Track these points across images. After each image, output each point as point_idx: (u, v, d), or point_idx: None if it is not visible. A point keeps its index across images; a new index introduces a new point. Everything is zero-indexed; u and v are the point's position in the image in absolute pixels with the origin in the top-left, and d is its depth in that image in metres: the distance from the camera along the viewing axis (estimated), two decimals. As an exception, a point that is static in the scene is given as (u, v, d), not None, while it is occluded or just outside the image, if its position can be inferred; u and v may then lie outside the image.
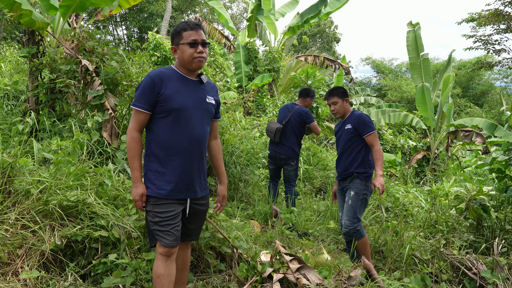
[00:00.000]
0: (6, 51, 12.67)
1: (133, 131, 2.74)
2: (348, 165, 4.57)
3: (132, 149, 2.72)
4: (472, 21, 15.62)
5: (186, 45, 2.75)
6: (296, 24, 15.37)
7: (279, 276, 3.54)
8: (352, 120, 4.57)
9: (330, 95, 4.69)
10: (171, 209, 2.72)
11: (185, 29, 2.77)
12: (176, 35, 2.80)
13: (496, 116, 31.48)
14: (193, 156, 2.80)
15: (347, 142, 4.60)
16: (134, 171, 2.71)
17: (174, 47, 2.83)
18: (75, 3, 6.02)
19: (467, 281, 4.32)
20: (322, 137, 14.58)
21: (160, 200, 2.71)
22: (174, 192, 2.73)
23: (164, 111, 2.71)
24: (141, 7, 28.08)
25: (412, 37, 13.59)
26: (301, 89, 6.55)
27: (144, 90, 2.70)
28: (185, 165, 2.76)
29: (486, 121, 12.51)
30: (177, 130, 2.73)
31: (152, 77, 2.70)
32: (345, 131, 4.63)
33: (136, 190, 2.71)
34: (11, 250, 3.14)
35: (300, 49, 39.74)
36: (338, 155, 4.77)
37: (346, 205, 4.49)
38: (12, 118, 5.94)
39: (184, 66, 2.82)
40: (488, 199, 5.43)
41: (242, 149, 6.81)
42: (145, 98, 2.70)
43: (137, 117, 2.74)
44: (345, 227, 4.44)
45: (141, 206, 2.74)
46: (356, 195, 4.44)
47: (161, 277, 2.74)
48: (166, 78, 2.74)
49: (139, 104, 2.71)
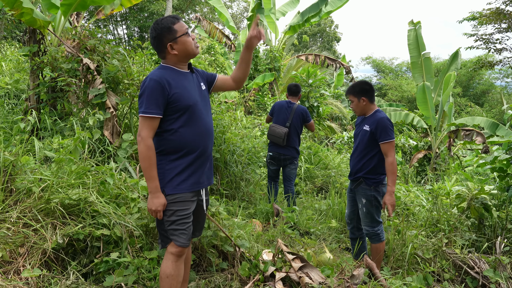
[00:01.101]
0: (7, 50, 12.66)
1: (148, 139, 2.60)
2: (358, 169, 4.31)
3: (149, 158, 2.60)
4: (474, 20, 15.61)
5: (185, 36, 2.72)
6: (297, 23, 15.35)
7: (281, 275, 3.52)
8: (372, 122, 4.20)
9: (347, 92, 4.38)
10: (186, 207, 2.72)
11: (173, 23, 2.71)
12: (168, 31, 2.70)
13: (497, 116, 31.45)
14: (208, 148, 2.83)
15: (362, 144, 4.29)
16: (154, 181, 2.62)
17: (171, 44, 2.71)
18: (76, 1, 6.01)
19: (470, 280, 4.31)
20: (323, 136, 14.57)
21: (177, 196, 2.69)
22: (192, 185, 2.73)
23: (178, 110, 2.66)
24: (142, 6, 28.10)
25: (413, 36, 13.57)
26: (290, 86, 6.38)
27: (152, 94, 2.60)
28: (201, 158, 2.78)
29: (488, 120, 12.49)
30: (194, 125, 2.72)
31: (157, 80, 2.61)
32: (362, 132, 4.30)
33: (158, 200, 2.63)
34: (13, 248, 3.13)
35: (301, 49, 39.71)
36: (352, 152, 4.47)
37: (361, 212, 4.31)
38: (13, 117, 5.93)
39: (187, 57, 2.78)
40: (489, 198, 5.42)
41: (243, 148, 6.79)
42: (156, 102, 2.59)
43: (149, 124, 2.62)
44: (365, 230, 4.31)
45: (162, 216, 2.68)
46: (369, 202, 4.23)
47: (170, 277, 2.73)
48: (170, 77, 2.68)
49: (151, 111, 2.59)
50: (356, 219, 4.54)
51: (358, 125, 4.44)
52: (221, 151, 6.25)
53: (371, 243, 4.34)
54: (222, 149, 6.26)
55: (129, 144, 5.05)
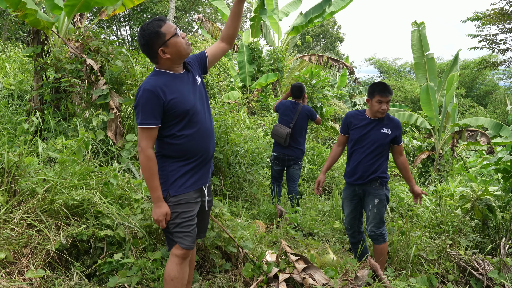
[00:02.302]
0: (11, 51, 12.70)
1: (148, 149, 2.58)
2: (374, 170, 4.22)
3: (150, 169, 2.58)
4: (477, 20, 15.54)
5: (174, 37, 2.61)
6: (300, 24, 15.34)
7: (285, 276, 3.52)
8: (392, 127, 4.22)
9: (388, 91, 4.16)
10: (191, 209, 2.72)
11: (160, 26, 2.59)
12: (156, 36, 2.58)
13: (501, 116, 31.35)
14: (210, 149, 2.82)
15: (380, 147, 4.20)
16: (156, 191, 2.61)
17: (162, 48, 2.60)
18: (80, 2, 6.02)
19: (474, 282, 4.29)
20: (326, 137, 14.55)
21: (181, 198, 2.68)
22: (195, 183, 2.74)
23: (176, 116, 2.63)
24: (145, 7, 28.14)
25: (417, 36, 13.52)
26: (293, 89, 6.22)
27: (146, 105, 2.54)
28: (203, 160, 2.78)
29: (492, 120, 12.45)
30: (193, 129, 2.69)
31: (151, 90, 2.54)
32: (381, 135, 4.20)
33: (160, 210, 2.62)
34: (16, 249, 3.14)
35: (304, 49, 39.71)
36: (360, 155, 4.27)
37: (371, 213, 4.24)
38: (17, 118, 5.94)
39: (180, 59, 2.69)
40: (494, 199, 5.39)
41: (246, 148, 6.79)
42: (151, 112, 2.55)
43: (148, 134, 2.59)
44: (371, 231, 4.27)
45: (165, 225, 2.68)
46: (381, 202, 4.22)
47: (174, 280, 2.72)
48: (164, 84, 2.61)
49: (148, 121, 2.56)
50: (357, 223, 4.51)
51: (368, 127, 4.25)
52: (224, 152, 6.24)
53: (375, 245, 4.30)
54: (225, 150, 6.25)
55: (133, 145, 5.05)
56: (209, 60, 3.00)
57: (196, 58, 2.95)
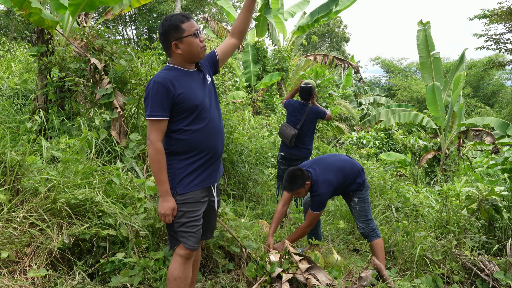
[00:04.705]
0: (16, 50, 12.76)
1: (157, 142, 2.57)
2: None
3: (159, 162, 2.58)
4: (484, 18, 15.44)
5: (192, 36, 2.63)
6: (306, 23, 15.31)
7: (288, 276, 3.49)
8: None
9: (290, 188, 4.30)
10: (197, 208, 2.69)
11: (182, 21, 2.62)
12: (174, 29, 2.61)
13: (507, 116, 31.18)
14: (218, 147, 2.79)
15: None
16: (164, 184, 2.59)
17: (176, 43, 2.63)
18: (84, 1, 6.03)
19: (480, 283, 4.25)
20: (332, 136, 14.52)
21: (188, 196, 2.66)
22: (202, 182, 2.72)
23: (185, 110, 2.62)
24: (151, 7, 28.23)
25: (423, 36, 13.46)
26: (302, 91, 6.08)
27: (156, 97, 2.55)
28: (212, 157, 2.75)
29: (498, 120, 12.38)
30: (202, 125, 2.67)
31: (161, 82, 2.56)
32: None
33: (168, 204, 2.60)
34: (19, 248, 3.13)
35: (309, 49, 39.66)
36: None
37: (355, 211, 4.37)
38: (21, 117, 5.95)
39: (192, 59, 2.71)
40: (500, 200, 5.35)
41: (251, 148, 6.77)
42: (161, 104, 2.55)
43: (157, 127, 2.58)
44: (361, 229, 4.32)
45: (171, 220, 2.65)
46: (360, 200, 4.34)
47: (178, 279, 2.71)
48: (174, 78, 2.62)
49: (156, 113, 2.55)
50: None
51: None
52: (228, 151, 6.23)
53: (370, 242, 4.31)
54: (229, 149, 6.24)
55: (136, 144, 5.04)
56: (220, 59, 3.01)
57: (207, 59, 2.95)
